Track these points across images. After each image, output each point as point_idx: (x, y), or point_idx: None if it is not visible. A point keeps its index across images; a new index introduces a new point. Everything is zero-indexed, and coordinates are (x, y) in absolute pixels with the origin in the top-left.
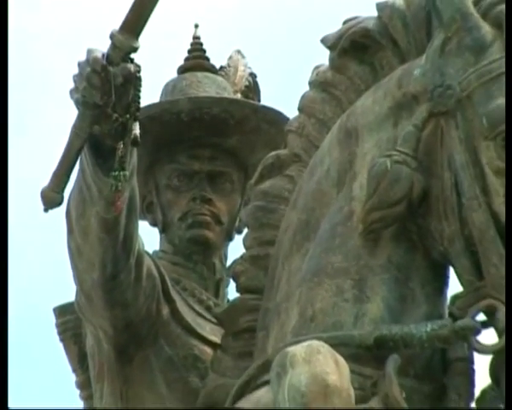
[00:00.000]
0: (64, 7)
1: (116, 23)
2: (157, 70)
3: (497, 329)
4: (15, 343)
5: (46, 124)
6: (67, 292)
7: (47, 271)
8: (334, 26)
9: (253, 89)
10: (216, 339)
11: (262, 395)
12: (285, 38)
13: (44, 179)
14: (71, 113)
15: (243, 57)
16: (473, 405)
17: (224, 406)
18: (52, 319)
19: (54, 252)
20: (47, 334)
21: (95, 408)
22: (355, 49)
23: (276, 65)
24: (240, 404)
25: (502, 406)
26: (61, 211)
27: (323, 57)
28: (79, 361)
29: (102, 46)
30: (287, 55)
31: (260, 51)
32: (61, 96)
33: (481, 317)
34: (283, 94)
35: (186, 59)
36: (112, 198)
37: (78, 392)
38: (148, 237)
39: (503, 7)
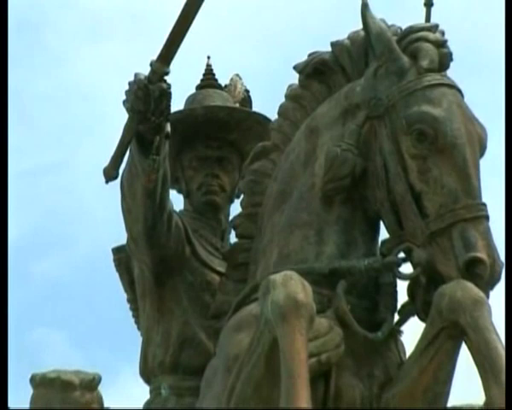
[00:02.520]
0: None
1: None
2: (182, 88)
3: (412, 263)
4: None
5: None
6: (121, 238)
7: (110, 224)
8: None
9: (247, 100)
10: (222, 270)
11: (253, 307)
12: (269, 66)
13: (106, 162)
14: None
15: (240, 79)
16: (396, 315)
17: (227, 314)
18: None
19: (114, 211)
20: (110, 265)
21: None
22: (316, 73)
23: (262, 83)
24: (238, 313)
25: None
26: (116, 183)
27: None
28: (129, 285)
29: (145, 71)
30: (270, 78)
31: (251, 73)
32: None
33: (401, 255)
34: (268, 103)
35: (201, 80)
36: (149, 174)
37: (128, 305)
38: (176, 200)
39: (417, 44)
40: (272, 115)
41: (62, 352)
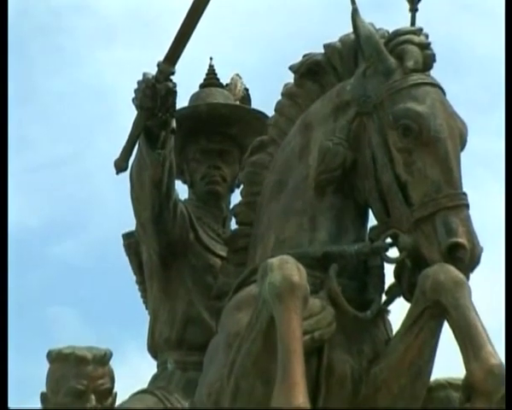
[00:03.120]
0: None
1: (161, 56)
2: (186, 86)
3: (398, 247)
4: (108, 253)
5: (118, 121)
6: (131, 225)
7: (120, 212)
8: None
9: (246, 98)
10: (223, 254)
11: (251, 288)
12: (266, 67)
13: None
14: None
15: (240, 78)
16: (383, 295)
17: (228, 294)
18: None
19: (124, 200)
20: (121, 249)
21: None
22: (310, 73)
23: (260, 82)
24: (238, 294)
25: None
26: (126, 174)
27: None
28: (138, 267)
29: (153, 71)
30: (268, 78)
31: (250, 73)
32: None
33: (388, 240)
34: (266, 101)
35: (204, 79)
36: (156, 166)
37: (137, 286)
38: (181, 190)
39: (403, 46)
40: (269, 112)
41: (75, 328)
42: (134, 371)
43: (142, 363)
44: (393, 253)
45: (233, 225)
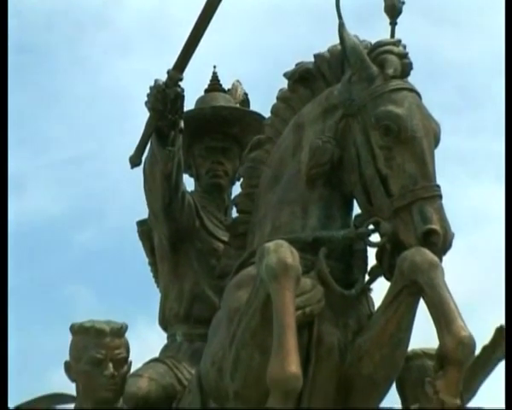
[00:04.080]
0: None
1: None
2: (193, 91)
3: (379, 233)
4: (124, 239)
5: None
6: (144, 213)
7: (135, 202)
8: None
9: (245, 101)
10: (225, 239)
11: (250, 269)
12: (263, 73)
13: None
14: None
15: (240, 84)
16: (366, 275)
17: (230, 275)
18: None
19: (138, 192)
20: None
21: None
22: (302, 79)
23: (258, 87)
24: (238, 274)
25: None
26: (140, 168)
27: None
28: (150, 251)
29: (163, 78)
30: (265, 84)
31: (249, 79)
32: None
33: (371, 227)
34: (263, 104)
35: (208, 85)
36: (167, 161)
37: (149, 268)
38: (188, 183)
39: (384, 56)
40: (266, 113)
41: (92, 305)
42: (144, 343)
43: (152, 336)
44: (375, 238)
45: (234, 213)
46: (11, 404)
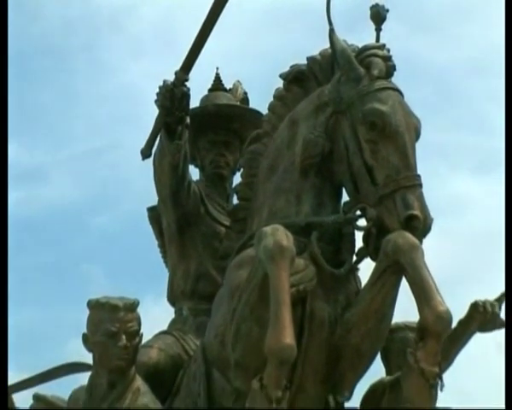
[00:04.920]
0: (154, 60)
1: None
2: (197, 90)
3: (366, 218)
4: (136, 223)
5: (144, 118)
6: (154, 200)
7: (146, 190)
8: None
9: (245, 100)
10: (227, 223)
11: (250, 251)
12: (261, 74)
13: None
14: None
15: (240, 84)
16: (354, 256)
17: (231, 255)
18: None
19: (148, 181)
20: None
21: None
22: (296, 80)
23: (256, 87)
24: (239, 255)
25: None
26: (150, 160)
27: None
28: (159, 234)
29: (171, 78)
30: (262, 84)
31: (249, 80)
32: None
33: (358, 213)
34: (261, 102)
35: (212, 85)
36: (174, 154)
37: (158, 249)
38: (194, 173)
39: (370, 58)
40: (264, 110)
41: (105, 283)
42: (151, 317)
43: (159, 312)
44: (362, 222)
45: (235, 200)
46: (34, 372)
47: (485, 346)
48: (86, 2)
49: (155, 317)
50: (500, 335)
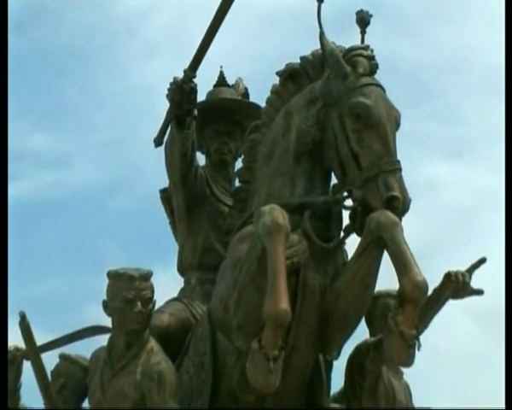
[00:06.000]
0: (166, 60)
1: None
2: (204, 86)
3: (352, 199)
4: (150, 204)
5: (156, 110)
6: (165, 183)
7: (158, 175)
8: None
9: (246, 94)
10: (230, 203)
11: (250, 227)
12: (260, 72)
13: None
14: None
15: (242, 80)
16: (342, 232)
17: (233, 231)
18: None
19: (161, 166)
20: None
21: None
22: (290, 76)
23: (256, 83)
24: (240, 231)
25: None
26: (162, 148)
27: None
28: (170, 212)
29: (180, 75)
30: (261, 80)
31: (249, 77)
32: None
33: (345, 194)
34: (260, 96)
35: (216, 81)
36: (183, 142)
37: (169, 226)
38: (200, 159)
39: (356, 58)
40: (262, 103)
41: (121, 256)
42: (161, 286)
43: (166, 281)
44: (349, 202)
45: (236, 183)
46: (59, 334)
47: (454, 311)
48: (106, 9)
49: (164, 285)
50: (468, 301)
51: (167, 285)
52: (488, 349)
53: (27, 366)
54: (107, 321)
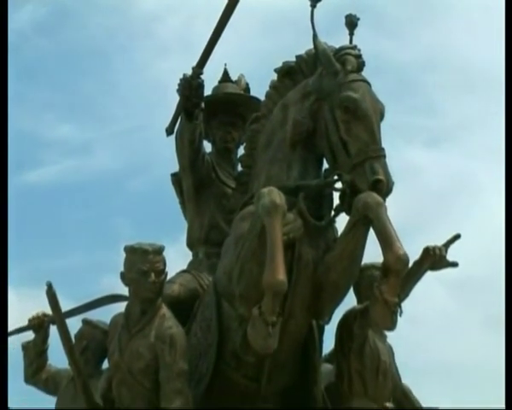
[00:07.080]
0: (176, 60)
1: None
2: (210, 82)
3: (341, 182)
4: (162, 186)
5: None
6: (176, 168)
7: (170, 160)
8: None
9: (247, 89)
10: (233, 186)
11: (251, 207)
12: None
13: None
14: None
15: (243, 77)
16: (332, 211)
17: (236, 211)
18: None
19: (172, 153)
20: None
21: None
22: (287, 73)
23: (256, 79)
24: (242, 211)
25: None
26: (173, 136)
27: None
28: (180, 194)
29: (189, 72)
30: (261, 77)
31: (250, 73)
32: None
33: (336, 177)
34: (260, 91)
35: (221, 77)
36: (192, 131)
37: (179, 206)
38: (207, 146)
39: (345, 57)
40: (262, 97)
41: (134, 233)
42: (169, 259)
43: (175, 255)
44: (339, 185)
45: (239, 168)
46: (81, 302)
47: (431, 281)
48: (123, 13)
49: (174, 259)
50: (443, 272)
51: (177, 259)
52: (459, 313)
53: (54, 329)
54: (123, 290)
